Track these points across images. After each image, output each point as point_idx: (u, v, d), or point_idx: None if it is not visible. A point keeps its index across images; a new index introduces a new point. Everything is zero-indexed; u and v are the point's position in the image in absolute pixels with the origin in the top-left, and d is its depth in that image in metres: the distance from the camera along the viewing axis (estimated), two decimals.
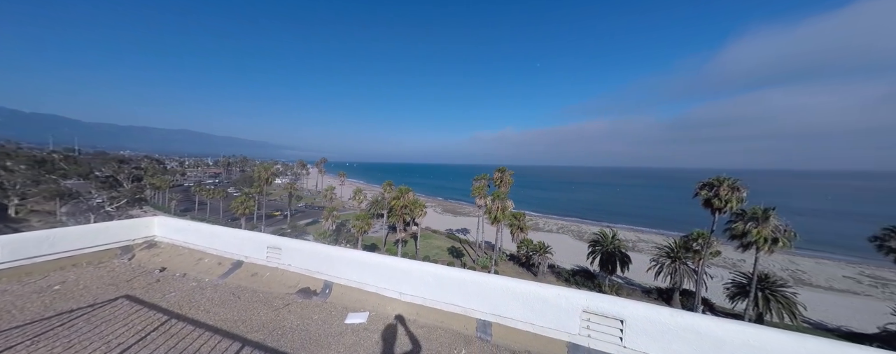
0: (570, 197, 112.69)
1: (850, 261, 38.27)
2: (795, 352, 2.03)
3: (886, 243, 18.44)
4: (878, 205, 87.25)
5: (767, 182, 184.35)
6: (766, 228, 19.61)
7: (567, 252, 38.90)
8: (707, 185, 22.80)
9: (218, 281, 4.27)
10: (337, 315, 3.36)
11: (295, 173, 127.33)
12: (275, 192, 78.21)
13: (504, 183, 36.74)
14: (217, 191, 55.78)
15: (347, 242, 38.60)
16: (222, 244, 4.99)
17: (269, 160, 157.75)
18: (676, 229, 40.58)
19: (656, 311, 2.48)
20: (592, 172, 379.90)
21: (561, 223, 63.84)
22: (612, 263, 27.72)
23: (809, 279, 33.62)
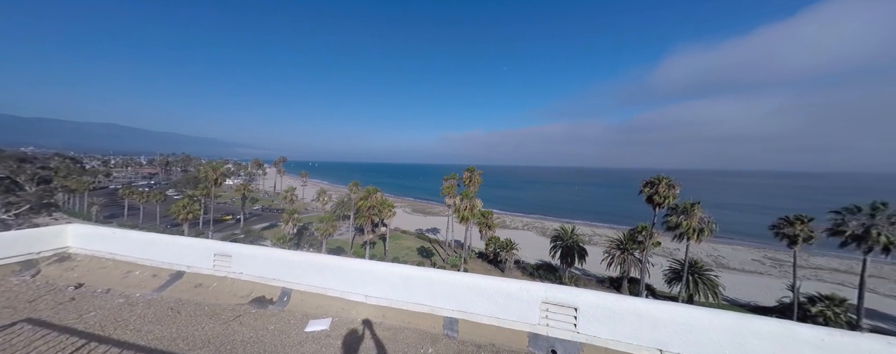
0: (533, 196, 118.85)
1: (757, 247, 45.67)
2: (713, 325, 2.40)
3: (781, 230, 22.46)
4: (778, 199, 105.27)
5: (695, 180, 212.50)
6: (693, 220, 22.67)
7: (532, 247, 41.00)
8: (649, 183, 25.66)
9: (152, 296, 3.84)
10: (296, 324, 3.21)
11: (250, 173, 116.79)
12: (225, 194, 71.05)
13: (473, 183, 37.59)
14: (153, 194, 49.05)
15: (311, 246, 36.50)
16: (158, 253, 4.49)
17: (220, 159, 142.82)
18: (625, 223, 44.93)
19: (604, 298, 2.73)
20: (553, 172, 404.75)
21: (526, 220, 67.09)
22: (571, 256, 29.90)
23: (727, 263, 39.51)
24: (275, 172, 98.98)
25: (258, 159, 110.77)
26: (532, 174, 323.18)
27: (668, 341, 2.50)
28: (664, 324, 2.53)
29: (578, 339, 2.74)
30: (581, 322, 2.74)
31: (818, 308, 20.25)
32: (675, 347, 2.47)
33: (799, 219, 22.01)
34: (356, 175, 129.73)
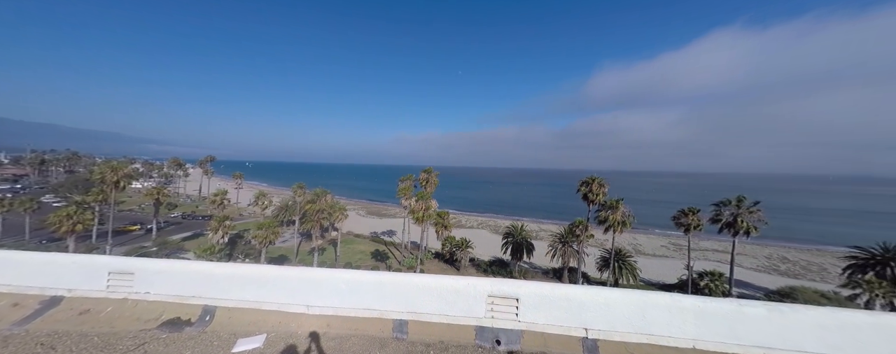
0: (487, 196, 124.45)
1: (665, 234, 54.99)
2: (623, 302, 2.87)
3: (679, 221, 27.60)
4: (679, 195, 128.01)
5: (619, 179, 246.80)
6: (618, 214, 26.38)
7: (485, 245, 42.86)
8: (585, 183, 29.08)
9: (12, 331, 3.09)
10: (222, 345, 2.88)
11: (166, 175, 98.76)
12: (132, 200, 59.02)
13: (430, 184, 37.83)
14: (19, 201, 38.23)
15: (247, 257, 32.55)
16: (23, 275, 3.65)
17: (123, 157, 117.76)
18: (566, 218, 49.99)
19: (541, 287, 3.00)
20: (505, 173, 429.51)
21: (480, 219, 69.87)
22: (521, 251, 32.14)
23: (644, 249, 46.74)
24: (200, 173, 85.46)
25: (178, 158, 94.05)
26: (486, 175, 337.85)
27: (591, 320, 2.91)
28: (588, 306, 2.91)
29: (519, 327, 2.96)
30: (522, 311, 2.95)
31: (704, 282, 25.32)
32: (597, 325, 2.89)
33: (691, 211, 27.25)
34: (302, 176, 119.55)
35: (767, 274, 36.57)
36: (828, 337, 2.59)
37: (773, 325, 2.62)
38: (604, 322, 2.90)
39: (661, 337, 2.72)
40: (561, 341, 2.91)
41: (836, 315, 2.68)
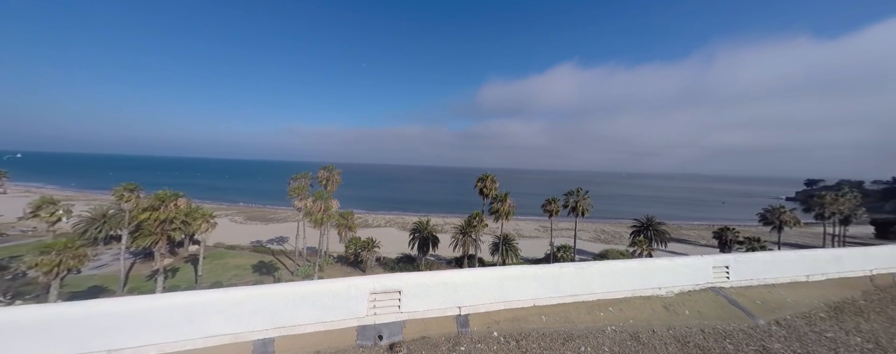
0: (395, 193, 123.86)
1: (537, 220, 69.23)
2: (488, 279, 3.51)
3: (545, 208, 35.61)
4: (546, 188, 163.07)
5: (506, 176, 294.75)
6: (505, 205, 31.58)
7: (394, 242, 42.78)
8: (480, 179, 33.29)
9: None
10: None
11: None
12: None
13: (332, 182, 34.51)
14: None
15: (17, 298, 21.28)
16: None
17: None
18: (467, 212, 55.66)
19: (422, 277, 3.24)
20: (412, 170, 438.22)
21: (388, 217, 68.97)
22: (427, 246, 33.84)
23: (523, 233, 57.47)
24: None
25: None
26: (394, 172, 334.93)
27: (464, 298, 3.39)
28: (461, 287, 3.34)
29: (401, 318, 3.11)
30: (404, 302, 3.10)
31: (560, 253, 33.57)
32: (468, 302, 3.40)
33: (552, 200, 35.48)
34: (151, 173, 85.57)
35: (595, 243, 51.72)
36: (605, 281, 4.17)
37: (578, 278, 4.02)
38: (473, 298, 3.41)
39: (513, 302, 3.63)
40: (439, 322, 3.24)
41: (610, 265, 4.34)
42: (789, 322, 3.99)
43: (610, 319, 3.79)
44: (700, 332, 3.66)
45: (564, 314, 3.74)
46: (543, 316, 3.64)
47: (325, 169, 35.42)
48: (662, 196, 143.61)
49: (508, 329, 3.37)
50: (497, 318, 3.43)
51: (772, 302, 4.49)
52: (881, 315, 4.22)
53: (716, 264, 4.83)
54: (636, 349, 3.25)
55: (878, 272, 5.62)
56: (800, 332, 3.76)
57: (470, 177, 41.20)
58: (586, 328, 3.58)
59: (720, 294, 4.54)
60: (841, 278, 5.36)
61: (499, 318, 3.44)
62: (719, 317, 4.05)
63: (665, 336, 3.52)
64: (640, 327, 3.69)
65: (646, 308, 4.09)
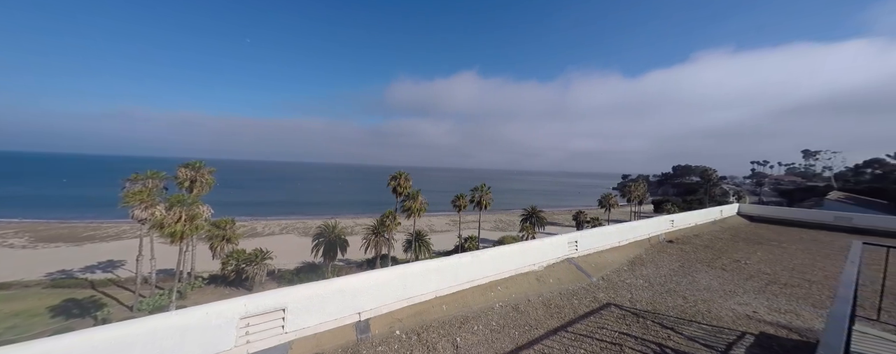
0: (294, 194, 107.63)
1: (447, 214, 73.66)
2: (391, 277, 3.42)
3: (455, 203, 38.37)
4: (456, 185, 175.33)
5: (419, 174, 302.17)
6: (417, 203, 32.27)
7: (293, 251, 37.31)
8: (393, 177, 32.84)
9: None
10: None
11: None
12: None
13: (201, 184, 26.85)
14: None
15: None
16: None
17: None
18: (379, 211, 53.93)
19: (313, 287, 2.90)
20: (316, 168, 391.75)
21: (285, 223, 59.43)
22: (334, 250, 31.01)
23: (435, 228, 60.09)
24: None
25: None
26: (291, 170, 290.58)
27: (365, 303, 3.20)
28: (362, 291, 3.14)
29: (286, 339, 2.69)
30: (290, 320, 2.68)
31: (467, 244, 36.85)
32: (369, 305, 3.24)
33: (461, 196, 38.54)
34: None
35: (495, 231, 59.21)
36: (495, 264, 4.82)
37: (474, 265, 4.54)
38: (375, 300, 3.30)
39: (415, 297, 3.76)
40: (335, 334, 2.96)
41: (499, 250, 5.07)
42: (608, 276, 5.66)
43: (498, 296, 4.45)
44: (559, 294, 4.75)
45: (462, 299, 4.14)
46: (444, 305, 3.93)
47: (187, 166, 27.25)
48: (542, 189, 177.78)
49: (411, 324, 3.47)
50: (400, 316, 3.48)
51: (600, 263, 6.26)
52: (651, 263, 6.51)
53: (570, 240, 6.34)
54: (516, 317, 3.93)
55: (652, 235, 8.63)
56: (613, 281, 5.40)
57: (382, 174, 40.10)
58: (480, 308, 4.08)
59: (572, 262, 6.00)
60: (635, 241, 7.96)
61: (402, 316, 3.50)
62: (570, 280, 5.35)
63: (536, 303, 4.40)
64: (519, 299, 4.48)
65: (524, 282, 4.99)
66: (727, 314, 4.11)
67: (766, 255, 7.26)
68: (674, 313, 4.12)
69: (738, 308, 4.31)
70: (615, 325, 3.74)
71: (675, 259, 6.84)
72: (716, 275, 5.73)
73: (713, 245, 8.19)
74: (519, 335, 3.48)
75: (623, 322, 3.84)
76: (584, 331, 3.57)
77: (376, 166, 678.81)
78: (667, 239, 8.69)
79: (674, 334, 3.54)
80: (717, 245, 8.21)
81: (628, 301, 4.53)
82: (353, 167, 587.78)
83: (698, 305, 4.39)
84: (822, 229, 10.62)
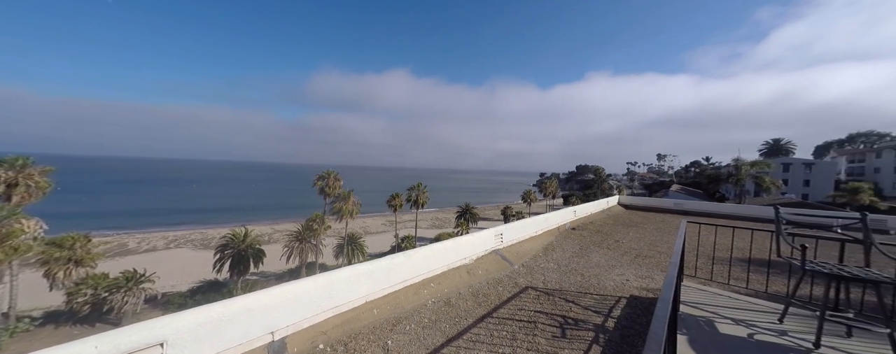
0: (187, 200, 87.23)
1: (384, 215, 71.36)
2: (313, 287, 3.10)
3: (390, 203, 37.44)
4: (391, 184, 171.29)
5: (350, 173, 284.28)
6: (349, 204, 30.29)
7: (187, 268, 30.35)
8: (321, 177, 29.96)
9: None
10: None
11: None
12: None
13: (23, 190, 19.04)
14: None
15: None
16: None
17: None
18: (304, 215, 48.52)
19: (208, 310, 2.43)
20: (221, 167, 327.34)
21: (174, 234, 47.66)
22: (245, 262, 26.48)
23: (370, 229, 57.50)
24: None
25: None
26: (191, 170, 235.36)
27: (280, 319, 2.80)
28: (277, 306, 2.76)
29: None
30: None
31: (404, 244, 36.44)
32: (286, 321, 2.84)
33: (396, 195, 37.85)
34: None
35: (432, 229, 60.12)
36: (429, 262, 4.92)
37: (407, 265, 4.54)
38: (294, 315, 2.94)
39: (343, 305, 3.51)
40: None
41: (432, 248, 5.18)
42: (527, 263, 6.43)
43: (431, 293, 4.55)
44: (486, 284, 5.15)
45: (395, 301, 4.08)
46: (375, 310, 3.80)
47: (2, 165, 19.05)
48: (474, 187, 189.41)
49: (337, 335, 3.24)
50: (324, 328, 3.21)
51: (521, 252, 7.05)
52: (560, 248, 7.67)
53: (496, 233, 6.93)
54: (447, 311, 4.09)
55: (561, 224, 10.17)
56: (530, 266, 6.15)
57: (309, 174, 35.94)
58: (412, 307, 4.10)
59: (498, 253, 6.58)
60: (548, 230, 9.25)
61: (326, 328, 3.23)
62: (497, 270, 5.86)
63: (466, 294, 4.67)
64: (451, 293, 4.68)
65: (456, 276, 5.23)
66: (610, 284, 5.16)
67: (635, 235, 9.40)
68: (574, 288, 4.95)
69: (617, 278, 5.46)
70: (532, 305, 4.27)
71: (577, 243, 8.22)
72: (603, 254, 7.12)
73: (602, 230, 10.16)
74: (449, 327, 3.63)
75: (538, 301, 4.41)
76: (506, 315, 3.97)
77: (302, 165, 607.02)
78: (571, 226, 10.36)
79: (574, 306, 4.26)
80: (605, 229, 10.22)
81: (542, 282, 5.23)
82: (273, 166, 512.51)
83: (591, 279, 5.38)
84: (668, 213, 14.35)
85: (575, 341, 3.34)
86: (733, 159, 37.09)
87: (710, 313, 3.38)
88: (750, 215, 13.16)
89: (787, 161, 53.13)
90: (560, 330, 3.56)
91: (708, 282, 4.53)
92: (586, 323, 3.76)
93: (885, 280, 2.57)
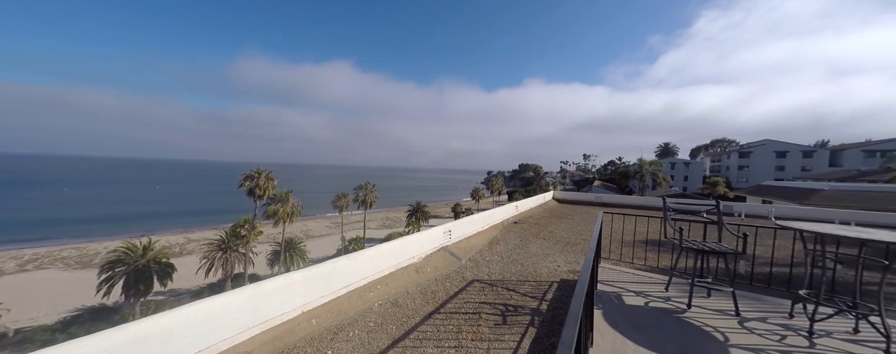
0: (52, 207, 67.56)
1: (329, 216, 66.44)
2: (238, 304, 2.77)
3: (335, 203, 35.00)
4: (339, 184, 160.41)
5: (290, 172, 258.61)
6: (287, 206, 27.39)
7: (58, 293, 23.60)
8: (249, 177, 26.35)
9: None
10: None
11: None
12: None
13: None
14: None
15: None
16: None
17: None
18: (228, 220, 42.08)
19: (74, 348, 1.96)
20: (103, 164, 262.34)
21: (31, 253, 36.45)
22: (147, 281, 21.78)
23: (313, 233, 52.99)
24: None
25: None
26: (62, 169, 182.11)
27: (184, 347, 2.39)
28: (183, 330, 2.38)
29: None
30: None
31: (351, 246, 34.48)
32: (193, 347, 2.45)
33: (342, 196, 35.60)
34: None
35: (382, 229, 58.23)
36: (375, 263, 4.74)
37: (350, 268, 4.33)
38: (208, 338, 2.54)
39: (274, 319, 3.17)
40: None
41: (379, 249, 5.01)
42: (474, 257, 6.72)
43: (378, 296, 4.40)
44: (434, 281, 5.21)
45: (337, 308, 3.84)
46: (314, 320, 3.51)
47: None
48: (426, 185, 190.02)
49: (266, 353, 2.90)
50: (249, 347, 2.83)
51: (469, 247, 7.33)
52: (503, 241, 8.21)
53: (445, 230, 7.07)
54: (394, 312, 4.01)
55: (505, 219, 10.89)
56: (476, 260, 6.45)
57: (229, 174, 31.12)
58: (357, 312, 3.91)
59: (446, 250, 6.72)
60: (493, 225, 9.81)
61: (252, 346, 2.86)
62: (445, 266, 5.98)
63: (415, 293, 4.65)
64: (399, 293, 4.61)
65: (404, 276, 5.17)
66: (545, 271, 5.74)
67: (566, 226, 10.63)
68: (515, 277, 5.36)
69: (550, 265, 6.10)
70: (477, 297, 4.47)
71: (518, 236, 8.91)
72: (540, 245, 7.87)
73: (540, 222, 11.22)
74: (396, 328, 3.57)
75: (482, 293, 4.64)
76: (452, 309, 4.08)
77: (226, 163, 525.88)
78: (513, 221, 11.18)
79: (514, 293, 4.61)
80: (542, 222, 11.31)
81: (487, 275, 5.52)
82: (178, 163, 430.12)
83: (529, 268, 5.90)
84: (591, 205, 16.58)
85: (514, 326, 3.62)
86: (637, 159, 44.98)
87: (619, 288, 4.03)
88: (648, 205, 16.06)
89: (672, 160, 67.33)
90: (502, 318, 3.81)
91: (619, 262, 5.38)
92: (524, 309, 4.11)
93: (729, 251, 3.41)
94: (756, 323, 3.10)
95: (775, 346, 2.70)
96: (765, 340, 2.79)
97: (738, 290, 3.56)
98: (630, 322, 3.11)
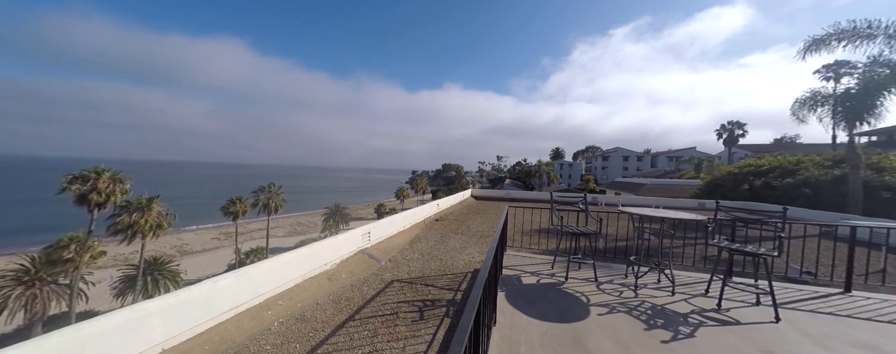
0: None
1: (215, 226, 53.91)
2: (73, 340, 2.11)
3: (227, 210, 28.69)
4: (228, 185, 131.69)
5: (153, 171, 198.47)
6: (150, 215, 20.92)
7: None
8: (80, 178, 18.91)
9: None
10: None
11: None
12: None
13: None
14: None
15: None
16: None
17: None
18: (38, 242, 29.14)
19: None
20: None
21: None
22: None
23: (191, 248, 42.08)
24: None
25: None
26: None
27: None
28: None
29: None
30: None
31: (249, 259, 28.99)
32: None
33: (238, 200, 29.55)
34: None
35: (291, 237, 51.08)
36: (275, 276, 4.14)
37: (239, 287, 3.66)
38: None
39: None
40: None
41: (279, 259, 4.38)
42: (394, 257, 6.64)
43: (278, 313, 3.84)
44: (350, 287, 4.91)
45: (220, 336, 3.16)
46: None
47: None
48: (346, 186, 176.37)
49: None
50: None
51: (389, 247, 7.20)
52: (425, 239, 8.41)
53: (364, 232, 6.74)
54: (299, 328, 3.59)
55: (427, 217, 11.16)
56: (397, 260, 6.40)
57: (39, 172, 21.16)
58: (249, 337, 3.31)
59: (365, 253, 6.42)
60: (416, 223, 9.93)
61: None
62: (363, 270, 5.71)
63: (326, 303, 4.27)
64: (307, 306, 4.14)
65: (313, 286, 4.68)
66: (461, 263, 6.16)
67: (482, 220, 11.69)
68: (434, 272, 5.56)
69: (467, 257, 6.59)
70: (396, 297, 4.44)
71: (439, 232, 9.28)
72: (459, 239, 8.41)
73: (459, 218, 11.97)
74: (300, 346, 3.20)
75: (401, 292, 4.64)
76: (369, 313, 3.93)
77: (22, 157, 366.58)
78: (435, 218, 11.58)
79: (433, 288, 4.78)
80: (461, 218, 12.11)
81: (407, 273, 5.55)
82: None
83: (447, 262, 6.22)
84: (502, 201, 18.74)
85: (431, 320, 3.76)
86: (537, 161, 53.66)
87: (519, 271, 4.69)
88: (543, 199, 19.25)
89: (561, 162, 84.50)
90: (419, 314, 3.90)
91: (520, 249, 6.25)
92: (441, 301, 4.31)
93: (591, 232, 4.43)
94: (606, 285, 4.13)
95: (617, 300, 3.65)
96: (611, 296, 3.74)
97: (598, 262, 4.66)
98: (525, 298, 3.66)
